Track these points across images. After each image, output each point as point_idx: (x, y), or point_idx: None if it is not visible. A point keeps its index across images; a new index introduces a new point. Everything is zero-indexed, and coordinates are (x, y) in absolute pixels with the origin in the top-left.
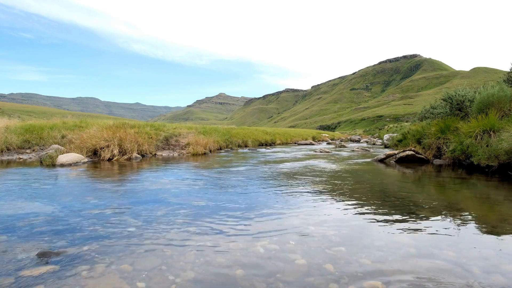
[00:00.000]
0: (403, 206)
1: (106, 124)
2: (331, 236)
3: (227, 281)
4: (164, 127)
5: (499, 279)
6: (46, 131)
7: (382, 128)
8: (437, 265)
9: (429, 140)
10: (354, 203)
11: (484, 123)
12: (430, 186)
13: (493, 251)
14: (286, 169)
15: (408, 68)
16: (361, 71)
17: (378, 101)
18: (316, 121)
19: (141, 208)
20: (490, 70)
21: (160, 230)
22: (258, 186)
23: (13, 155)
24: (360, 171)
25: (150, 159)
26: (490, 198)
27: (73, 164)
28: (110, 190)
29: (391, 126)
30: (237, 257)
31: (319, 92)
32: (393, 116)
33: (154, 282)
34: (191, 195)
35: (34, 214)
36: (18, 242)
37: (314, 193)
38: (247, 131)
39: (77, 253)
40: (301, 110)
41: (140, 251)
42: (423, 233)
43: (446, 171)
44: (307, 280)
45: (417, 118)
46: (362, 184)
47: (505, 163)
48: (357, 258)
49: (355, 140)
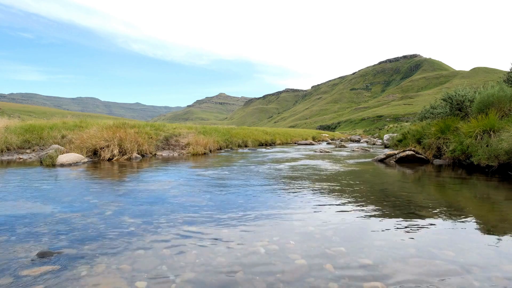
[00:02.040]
0: (403, 206)
1: (106, 124)
2: (331, 236)
3: (227, 281)
4: (164, 127)
5: (500, 279)
6: (46, 131)
7: (382, 128)
8: (437, 265)
9: (429, 140)
10: (354, 203)
11: (484, 123)
12: (430, 186)
13: (493, 251)
14: (286, 169)
15: (408, 68)
16: (361, 71)
17: (378, 101)
18: (316, 121)
19: (141, 208)
20: (490, 70)
21: (160, 230)
22: (258, 186)
23: (13, 155)
24: (360, 171)
25: (150, 159)
26: (490, 198)
27: (73, 164)
28: (110, 190)
29: (391, 126)
30: (237, 257)
31: (319, 92)
32: (393, 116)
33: (154, 282)
34: (191, 195)
35: (34, 214)
36: (18, 242)
37: (314, 193)
38: (247, 131)
39: (77, 253)
40: (301, 110)
41: (140, 251)
42: (423, 233)
43: (446, 171)
44: (307, 280)
45: (417, 118)
46: (362, 184)
47: (505, 163)
48: (357, 258)
49: (355, 140)
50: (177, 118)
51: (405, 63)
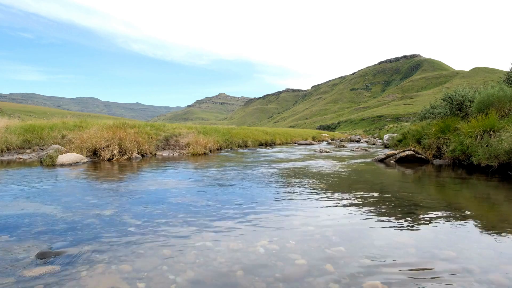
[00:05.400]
0: (403, 206)
1: (106, 124)
2: (331, 236)
3: (227, 281)
4: (164, 127)
5: (499, 279)
6: (46, 131)
7: (382, 128)
8: (437, 265)
9: (429, 140)
10: (354, 203)
11: (484, 123)
12: (430, 186)
13: (493, 251)
14: (286, 169)
15: (408, 68)
16: (361, 71)
17: (378, 101)
18: (316, 121)
19: (141, 208)
20: (490, 70)
21: (160, 230)
22: (258, 186)
23: (13, 155)
24: (360, 171)
25: (150, 159)
26: (490, 198)
27: (73, 164)
28: (110, 190)
29: (391, 126)
30: (237, 257)
31: (319, 92)
32: (393, 116)
33: (154, 282)
34: (191, 195)
35: (34, 214)
36: (18, 242)
37: (314, 193)
38: (247, 131)
39: (77, 253)
40: (301, 110)
41: (140, 251)
42: (423, 233)
43: (446, 171)
44: (307, 280)
45: (417, 118)
46: (362, 184)
47: (505, 163)
48: (357, 258)
49: (355, 140)
50: (177, 118)
51: (405, 63)
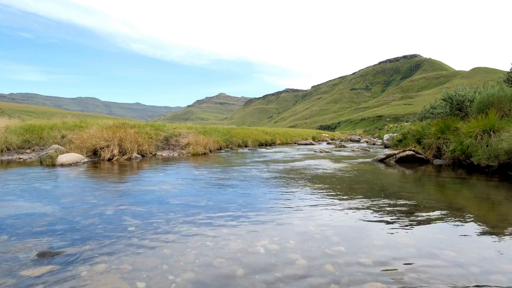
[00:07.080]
0: (403, 206)
1: (106, 124)
2: (331, 236)
3: (227, 281)
4: (164, 127)
5: (499, 279)
6: (46, 131)
7: (382, 128)
8: (437, 265)
9: (429, 140)
10: (354, 203)
11: (484, 123)
12: (430, 186)
13: (493, 251)
14: (286, 169)
15: (408, 68)
16: (361, 71)
17: (378, 101)
18: (316, 121)
19: (141, 208)
20: (490, 70)
21: (160, 230)
22: (258, 186)
23: (13, 155)
24: (360, 171)
25: (150, 159)
26: (490, 198)
27: (73, 164)
28: (110, 190)
29: (391, 126)
30: (237, 257)
31: (319, 92)
32: (393, 116)
33: (154, 282)
34: (191, 195)
35: (34, 214)
36: (18, 242)
37: (314, 193)
38: (247, 131)
39: (77, 253)
40: (301, 110)
41: (140, 251)
42: (423, 233)
43: (446, 171)
44: (307, 280)
45: (417, 118)
46: (362, 184)
47: (505, 163)
48: (357, 258)
49: (355, 140)
50: (177, 118)
51: (405, 63)
